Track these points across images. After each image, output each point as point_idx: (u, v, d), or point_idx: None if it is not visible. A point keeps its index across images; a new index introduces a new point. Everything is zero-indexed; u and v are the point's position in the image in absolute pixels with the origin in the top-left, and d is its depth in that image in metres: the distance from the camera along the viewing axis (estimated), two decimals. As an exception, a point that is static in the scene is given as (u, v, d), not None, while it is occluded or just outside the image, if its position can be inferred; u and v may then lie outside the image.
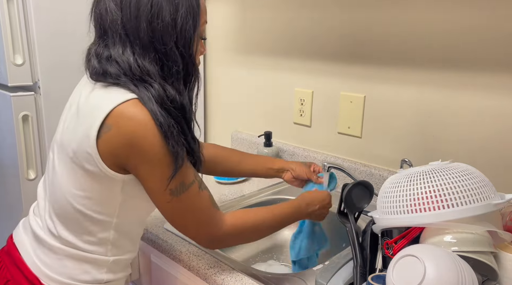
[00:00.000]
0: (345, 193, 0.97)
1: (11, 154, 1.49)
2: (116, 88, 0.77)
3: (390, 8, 1.22)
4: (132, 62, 0.76)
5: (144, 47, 0.77)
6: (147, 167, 0.76)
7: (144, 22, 0.76)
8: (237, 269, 0.95)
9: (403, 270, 0.69)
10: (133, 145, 0.74)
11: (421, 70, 1.19)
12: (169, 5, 0.76)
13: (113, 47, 0.78)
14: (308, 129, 1.50)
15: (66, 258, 0.83)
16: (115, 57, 0.77)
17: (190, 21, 0.78)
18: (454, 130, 1.15)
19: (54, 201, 0.83)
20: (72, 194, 0.81)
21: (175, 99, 0.78)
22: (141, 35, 0.77)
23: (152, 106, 0.74)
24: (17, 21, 1.36)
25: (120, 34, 0.77)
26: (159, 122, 0.74)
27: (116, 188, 0.80)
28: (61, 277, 0.83)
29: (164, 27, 0.77)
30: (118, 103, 0.74)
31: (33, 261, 0.84)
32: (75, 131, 0.79)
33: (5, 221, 1.69)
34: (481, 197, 0.73)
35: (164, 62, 0.79)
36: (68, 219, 0.82)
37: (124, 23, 0.77)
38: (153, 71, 0.77)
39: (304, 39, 1.44)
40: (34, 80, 1.42)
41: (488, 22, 1.05)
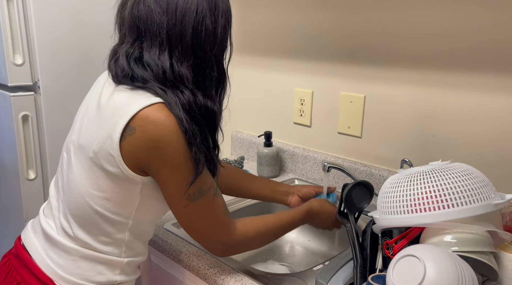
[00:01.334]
0: (345, 193, 0.97)
1: (11, 154, 1.49)
2: (142, 91, 0.77)
3: (390, 8, 1.22)
4: (167, 66, 0.77)
5: (185, 52, 0.78)
6: (168, 171, 0.77)
7: (190, 28, 0.77)
8: (237, 269, 0.95)
9: (403, 270, 0.69)
10: (157, 149, 0.75)
11: (421, 70, 1.19)
12: (211, 14, 0.79)
13: (148, 50, 0.78)
14: (308, 129, 1.50)
15: (81, 259, 0.83)
16: (148, 60, 0.78)
17: (228, 31, 0.83)
18: (454, 131, 1.15)
19: (70, 201, 0.83)
20: (90, 194, 0.80)
21: (204, 106, 0.79)
22: (184, 41, 0.78)
23: (178, 112, 0.75)
24: (17, 21, 1.36)
25: (162, 38, 0.77)
26: (185, 128, 0.74)
27: (135, 190, 0.81)
28: (75, 278, 0.82)
29: (207, 34, 0.79)
30: (143, 106, 0.74)
31: (45, 262, 0.84)
32: (96, 132, 0.78)
33: (5, 221, 1.69)
34: (481, 197, 0.73)
35: (200, 69, 0.80)
36: (85, 220, 0.82)
37: (169, 28, 0.77)
38: (188, 77, 0.78)
39: (304, 39, 1.44)
40: (34, 80, 1.42)
41: (488, 22, 1.05)
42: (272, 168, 1.51)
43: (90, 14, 1.49)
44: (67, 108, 1.49)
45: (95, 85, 0.88)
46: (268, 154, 1.49)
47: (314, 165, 1.46)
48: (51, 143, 1.48)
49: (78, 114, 0.88)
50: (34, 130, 1.45)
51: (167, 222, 1.16)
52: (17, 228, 1.54)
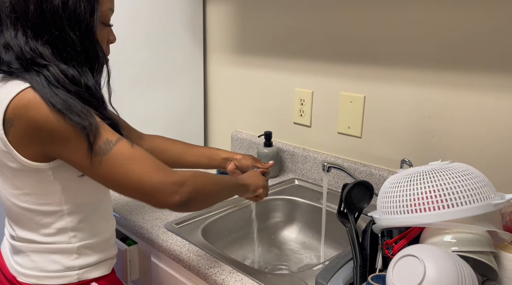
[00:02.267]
0: (345, 193, 0.97)
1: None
2: (11, 81, 0.76)
3: (390, 9, 1.22)
4: (22, 44, 0.75)
5: (36, 30, 0.76)
6: (62, 146, 0.75)
7: (32, 4, 0.75)
8: (237, 269, 0.95)
9: (403, 270, 0.69)
10: (37, 130, 0.74)
11: (421, 70, 1.19)
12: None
13: (6, 32, 0.77)
14: (308, 129, 1.50)
15: (32, 253, 0.86)
16: (8, 41, 0.77)
17: (84, 5, 0.77)
18: (454, 131, 1.15)
19: (5, 208, 0.87)
20: (12, 195, 0.82)
21: (74, 79, 0.76)
22: (31, 18, 0.76)
23: (43, 89, 0.73)
24: None
25: (11, 18, 0.76)
26: (51, 103, 0.72)
27: (48, 177, 0.80)
28: (33, 271, 0.86)
29: (54, 10, 0.76)
30: (13, 96, 0.73)
31: (11, 264, 0.89)
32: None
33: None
34: (481, 197, 0.73)
35: (59, 45, 0.78)
36: (20, 219, 0.85)
37: (13, 6, 0.76)
38: (46, 54, 0.76)
39: (304, 39, 1.44)
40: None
41: (489, 22, 1.05)
42: (272, 168, 1.50)
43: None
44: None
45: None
46: (268, 154, 1.49)
47: (314, 165, 1.46)
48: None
49: None
50: (34, 130, 1.45)
51: (167, 222, 1.16)
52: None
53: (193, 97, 1.76)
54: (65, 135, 0.74)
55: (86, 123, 0.74)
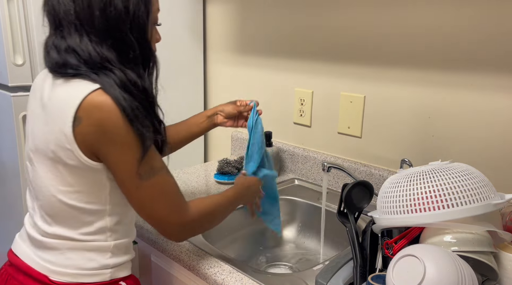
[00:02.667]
0: (345, 193, 0.97)
1: (11, 154, 1.49)
2: (79, 80, 0.78)
3: (390, 9, 1.22)
4: (91, 50, 0.78)
5: (100, 35, 0.79)
6: (116, 151, 0.78)
7: (97, 10, 0.78)
8: (237, 269, 0.95)
9: (403, 270, 0.69)
10: (103, 132, 0.77)
11: (421, 70, 1.19)
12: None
13: (69, 37, 0.79)
14: (308, 129, 1.50)
15: (69, 251, 0.86)
16: (73, 47, 0.79)
17: (143, 8, 0.81)
18: (454, 130, 1.15)
19: (45, 204, 0.85)
20: (61, 192, 0.82)
21: (136, 83, 0.80)
22: (96, 24, 0.78)
23: (114, 92, 0.76)
24: (17, 21, 1.36)
25: (75, 24, 0.79)
26: (122, 107, 0.76)
27: (101, 177, 0.82)
28: (68, 269, 0.85)
29: (117, 14, 0.78)
30: (85, 95, 0.76)
31: (37, 263, 0.87)
32: (49, 131, 0.80)
33: (5, 221, 1.69)
34: (481, 197, 0.73)
35: (122, 49, 0.80)
36: (63, 217, 0.84)
37: (77, 13, 0.78)
38: (112, 58, 0.79)
39: (304, 39, 1.44)
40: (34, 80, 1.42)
41: (489, 22, 1.05)
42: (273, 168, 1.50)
43: (90, 14, 1.49)
44: (67, 108, 1.48)
45: (32, 90, 0.90)
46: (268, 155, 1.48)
47: (314, 165, 1.46)
48: (51, 143, 1.48)
49: (27, 125, 0.89)
50: (34, 130, 1.45)
51: (167, 222, 1.16)
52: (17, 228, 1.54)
53: (193, 97, 1.76)
54: (124, 141, 0.77)
55: (148, 137, 0.79)
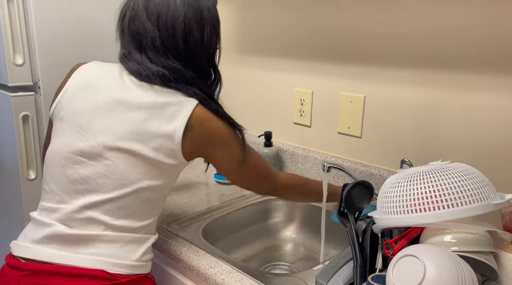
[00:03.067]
0: (345, 193, 0.97)
1: (11, 154, 1.49)
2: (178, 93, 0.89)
3: (390, 9, 1.22)
4: (179, 68, 0.90)
5: (183, 59, 0.91)
6: (224, 151, 0.93)
7: (180, 39, 0.89)
8: (237, 269, 0.95)
9: (403, 270, 0.69)
10: (212, 138, 0.90)
11: (421, 70, 1.19)
12: (196, 24, 0.90)
13: (158, 57, 0.89)
14: (308, 129, 1.50)
15: (127, 244, 0.90)
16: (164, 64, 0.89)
17: (215, 37, 0.94)
18: (454, 130, 1.15)
19: (122, 198, 0.88)
20: (146, 186, 0.89)
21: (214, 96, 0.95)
22: (179, 50, 0.90)
23: (209, 104, 0.90)
24: (17, 21, 1.36)
25: (162, 48, 0.89)
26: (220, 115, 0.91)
27: (179, 172, 0.95)
28: (127, 261, 0.89)
29: (195, 43, 0.91)
30: (194, 106, 0.88)
31: (88, 259, 0.86)
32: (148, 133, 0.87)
33: (5, 221, 1.69)
34: (481, 197, 0.73)
35: (200, 71, 0.93)
36: (135, 210, 0.90)
37: (163, 41, 0.89)
38: (196, 78, 0.91)
39: (304, 39, 1.44)
40: (34, 80, 1.42)
41: (489, 22, 1.05)
42: None
43: (91, 14, 1.49)
44: (67, 108, 1.48)
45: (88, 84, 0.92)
46: (268, 154, 1.49)
47: (314, 165, 1.46)
48: (51, 143, 1.48)
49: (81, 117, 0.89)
50: (34, 130, 1.45)
51: (167, 222, 1.16)
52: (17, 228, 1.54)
53: (193, 97, 1.76)
54: (228, 144, 0.93)
55: (242, 131, 0.95)
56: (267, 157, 1.49)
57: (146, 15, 0.88)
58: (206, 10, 0.91)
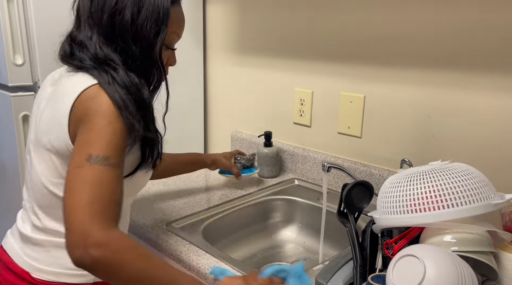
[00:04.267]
0: (345, 193, 0.97)
1: (11, 154, 1.49)
2: (80, 74, 0.82)
3: (390, 9, 1.22)
4: (97, 47, 0.83)
5: (106, 37, 0.83)
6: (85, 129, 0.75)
7: (106, 15, 0.82)
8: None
9: (403, 270, 0.69)
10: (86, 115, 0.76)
11: (421, 70, 1.19)
12: (132, 5, 0.82)
13: (83, 32, 0.85)
14: (308, 129, 1.50)
15: (54, 249, 0.86)
16: (84, 41, 0.84)
17: (151, 25, 0.83)
18: (454, 130, 1.15)
19: (37, 196, 0.86)
20: (53, 183, 0.84)
21: (138, 86, 0.82)
22: (104, 27, 0.83)
23: (108, 86, 0.78)
24: (17, 21, 1.36)
25: (89, 22, 0.84)
26: (114, 99, 0.77)
27: None
28: (52, 268, 0.86)
29: (123, 24, 0.82)
30: (83, 88, 0.79)
31: (22, 259, 0.88)
32: (49, 122, 0.82)
33: (5, 221, 1.69)
34: (481, 197, 0.73)
35: (125, 55, 0.84)
36: (53, 209, 0.85)
37: (91, 13, 0.83)
38: (114, 59, 0.83)
39: (304, 39, 1.44)
40: (34, 80, 1.42)
41: (488, 22, 1.05)
42: (272, 168, 1.50)
43: (90, 14, 1.49)
44: (67, 108, 1.48)
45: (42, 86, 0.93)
46: (268, 154, 1.49)
47: (314, 165, 1.46)
48: (51, 143, 1.48)
49: (31, 119, 0.91)
50: (34, 130, 1.45)
51: (167, 222, 1.16)
52: (17, 228, 1.54)
53: (193, 97, 1.76)
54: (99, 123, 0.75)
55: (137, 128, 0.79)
56: (266, 157, 1.49)
57: None
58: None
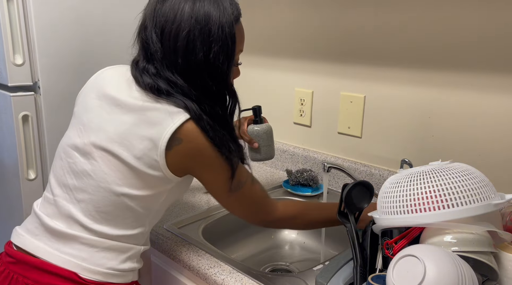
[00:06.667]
0: (345, 193, 0.97)
1: (11, 154, 1.49)
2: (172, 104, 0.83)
3: (390, 9, 1.22)
4: (181, 83, 0.84)
5: (183, 76, 0.85)
6: (210, 174, 0.88)
7: (180, 57, 0.83)
8: (237, 269, 0.95)
9: (403, 270, 0.69)
10: (199, 156, 0.85)
11: (421, 70, 1.19)
12: (203, 43, 0.82)
13: (161, 70, 0.85)
14: (308, 129, 1.50)
15: (105, 250, 0.88)
16: (166, 77, 0.84)
17: (223, 57, 0.84)
18: (454, 131, 1.15)
19: (100, 200, 0.86)
20: (126, 193, 0.85)
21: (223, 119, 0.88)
22: (179, 67, 0.84)
23: (204, 123, 0.83)
24: (17, 21, 1.36)
25: (164, 63, 0.85)
26: (210, 137, 0.84)
27: (167, 187, 0.88)
28: (101, 268, 0.87)
29: (197, 63, 0.83)
30: (185, 119, 0.82)
31: (63, 259, 0.86)
32: (136, 140, 0.83)
33: (5, 221, 1.69)
34: (481, 197, 0.73)
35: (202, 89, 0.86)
36: (114, 216, 0.87)
37: (164, 55, 0.84)
38: (197, 95, 0.85)
39: (304, 39, 1.44)
40: (34, 80, 1.42)
41: (488, 22, 1.05)
42: (267, 148, 1.24)
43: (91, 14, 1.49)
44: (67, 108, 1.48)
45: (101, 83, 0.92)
46: (259, 133, 1.23)
47: (314, 165, 1.46)
48: (51, 143, 1.48)
49: (84, 115, 0.90)
50: (34, 130, 1.45)
51: (167, 222, 1.16)
52: (17, 228, 1.54)
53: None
54: (217, 166, 0.86)
55: (234, 160, 0.88)
56: (257, 136, 1.23)
57: (153, 26, 0.84)
58: (216, 27, 0.82)
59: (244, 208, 0.95)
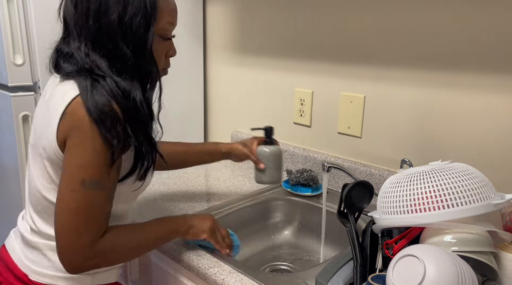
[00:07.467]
0: (345, 193, 0.97)
1: (11, 154, 1.49)
2: (71, 83, 0.79)
3: (390, 9, 1.22)
4: (83, 56, 0.79)
5: (94, 42, 0.80)
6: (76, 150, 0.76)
7: (91, 19, 0.79)
8: (237, 269, 0.95)
9: (403, 270, 0.69)
10: (76, 127, 0.76)
11: (421, 70, 1.19)
12: (117, 4, 0.78)
13: (72, 43, 0.81)
14: (308, 129, 1.50)
15: (50, 252, 0.86)
16: (72, 52, 0.81)
17: (140, 20, 0.79)
18: (454, 131, 1.15)
19: (33, 199, 0.87)
20: (46, 188, 0.84)
21: (126, 92, 0.79)
22: (90, 31, 0.79)
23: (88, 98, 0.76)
24: (17, 21, 1.36)
25: (75, 30, 0.81)
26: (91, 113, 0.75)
27: None
28: (48, 271, 0.86)
29: (110, 24, 0.78)
30: (69, 100, 0.77)
31: (22, 261, 0.88)
32: (43, 128, 0.82)
33: (5, 221, 1.69)
34: (481, 197, 0.73)
35: (114, 58, 0.80)
36: (47, 214, 0.85)
37: (76, 19, 0.80)
38: (103, 66, 0.79)
39: (304, 39, 1.44)
40: (34, 80, 1.42)
41: (488, 22, 1.05)
42: (273, 171, 1.21)
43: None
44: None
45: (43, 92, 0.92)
46: (270, 154, 1.21)
47: (314, 165, 1.46)
48: (51, 143, 1.48)
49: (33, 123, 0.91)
50: (34, 130, 1.45)
51: (167, 222, 1.16)
52: (17, 228, 1.55)
53: (193, 97, 1.76)
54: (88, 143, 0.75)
55: (116, 146, 0.76)
56: (265, 158, 1.21)
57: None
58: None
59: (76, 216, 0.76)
